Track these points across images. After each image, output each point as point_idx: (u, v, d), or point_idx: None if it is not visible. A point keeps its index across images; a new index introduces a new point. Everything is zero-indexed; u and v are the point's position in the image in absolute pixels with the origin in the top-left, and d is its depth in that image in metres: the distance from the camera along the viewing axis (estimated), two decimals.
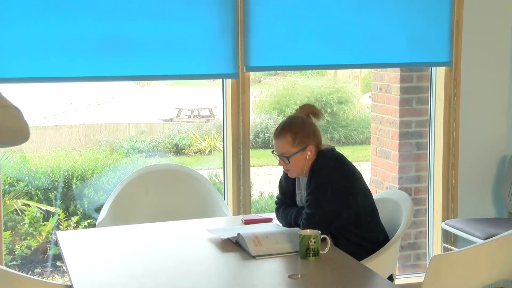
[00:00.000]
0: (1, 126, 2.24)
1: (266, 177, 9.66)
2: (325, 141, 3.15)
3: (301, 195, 3.16)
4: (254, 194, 7.61)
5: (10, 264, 5.49)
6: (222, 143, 4.31)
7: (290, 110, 11.86)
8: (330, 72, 12.86)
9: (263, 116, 11.73)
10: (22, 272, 3.25)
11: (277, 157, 3.10)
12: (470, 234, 4.11)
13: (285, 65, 4.21)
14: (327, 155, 3.08)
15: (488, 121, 4.54)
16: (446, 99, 4.42)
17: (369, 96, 13.80)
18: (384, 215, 3.26)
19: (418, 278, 4.59)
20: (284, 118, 3.15)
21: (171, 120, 12.85)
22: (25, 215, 5.86)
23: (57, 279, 5.44)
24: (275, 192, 7.44)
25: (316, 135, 3.09)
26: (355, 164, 3.26)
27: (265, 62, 4.09)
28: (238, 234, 2.87)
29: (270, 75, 13.95)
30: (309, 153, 3.04)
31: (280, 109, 12.08)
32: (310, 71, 12.88)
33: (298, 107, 3.19)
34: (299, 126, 3.06)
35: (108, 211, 3.69)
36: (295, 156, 3.04)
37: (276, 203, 3.25)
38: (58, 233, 3.17)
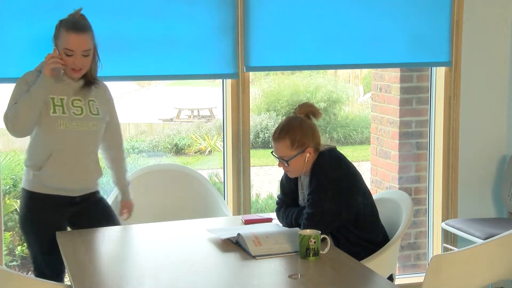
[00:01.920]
0: None
1: (266, 177, 9.67)
2: (325, 141, 3.15)
3: (303, 194, 3.16)
4: (256, 194, 7.61)
5: (10, 264, 5.49)
6: (222, 143, 4.32)
7: (280, 109, 11.89)
8: (325, 71, 12.85)
9: (263, 116, 11.74)
10: (22, 272, 3.25)
11: (277, 159, 3.11)
12: (470, 234, 4.11)
13: (285, 65, 4.20)
14: (328, 155, 3.08)
15: (488, 121, 4.54)
16: (446, 99, 4.42)
17: (359, 87, 13.76)
18: (384, 215, 3.26)
19: (418, 278, 4.59)
20: (282, 119, 3.15)
21: (171, 120, 12.85)
22: None
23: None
24: (275, 192, 7.38)
25: (314, 136, 3.08)
26: (355, 164, 3.26)
27: (265, 62, 4.09)
28: (238, 234, 2.87)
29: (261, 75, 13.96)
30: (308, 154, 3.04)
31: (273, 109, 12.09)
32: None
33: (296, 106, 3.18)
34: (297, 129, 3.05)
35: None
36: (294, 159, 3.04)
37: (277, 203, 3.25)
38: (58, 233, 3.17)
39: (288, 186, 3.21)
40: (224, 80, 4.11)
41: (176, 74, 4.06)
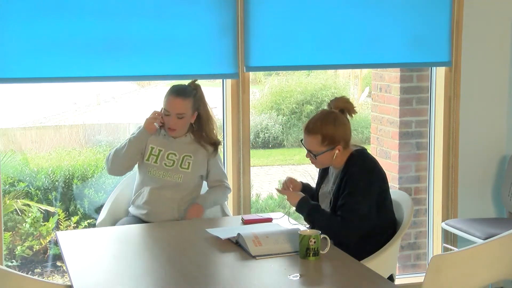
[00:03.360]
0: None
1: (266, 177, 9.66)
2: (356, 141, 3.16)
3: (329, 186, 3.16)
4: (256, 194, 7.60)
5: (10, 264, 5.49)
6: (222, 143, 4.31)
7: (285, 108, 11.87)
8: (328, 71, 12.85)
9: (263, 116, 11.73)
10: (22, 272, 3.25)
11: (305, 149, 3.12)
12: (470, 234, 4.11)
13: (285, 65, 4.20)
14: (364, 158, 3.10)
15: (488, 121, 4.54)
16: (446, 99, 4.42)
17: (359, 86, 13.74)
18: None
19: (418, 278, 4.59)
20: (317, 112, 3.14)
21: None
22: (25, 215, 5.85)
23: (57, 279, 5.43)
24: (275, 192, 7.39)
25: (346, 133, 3.09)
26: None
27: (265, 62, 4.09)
28: (238, 234, 2.87)
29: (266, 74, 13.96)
30: (337, 151, 3.05)
31: (277, 108, 12.07)
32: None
33: (333, 99, 3.17)
34: (330, 126, 3.05)
35: (108, 211, 3.69)
36: (322, 154, 3.05)
37: None
38: (58, 233, 3.17)
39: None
40: (224, 80, 4.11)
41: (176, 74, 4.06)
